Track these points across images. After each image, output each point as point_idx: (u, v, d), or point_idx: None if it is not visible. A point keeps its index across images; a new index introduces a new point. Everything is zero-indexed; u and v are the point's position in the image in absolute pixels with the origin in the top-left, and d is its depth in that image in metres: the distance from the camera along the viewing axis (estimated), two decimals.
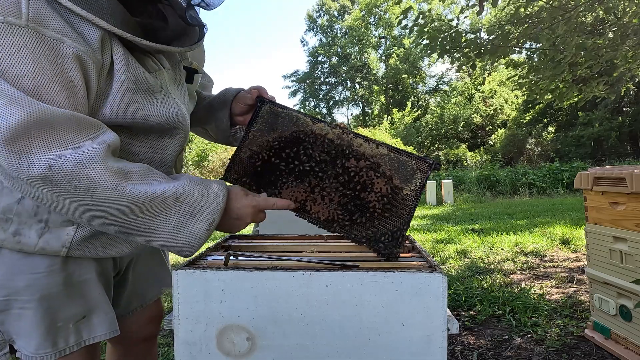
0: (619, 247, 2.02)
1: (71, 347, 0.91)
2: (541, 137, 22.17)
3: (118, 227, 0.79)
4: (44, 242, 0.85)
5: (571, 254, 4.36)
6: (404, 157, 1.03)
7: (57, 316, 0.89)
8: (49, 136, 0.70)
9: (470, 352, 2.23)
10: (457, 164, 20.87)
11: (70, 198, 0.72)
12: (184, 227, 0.83)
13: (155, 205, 0.79)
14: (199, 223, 0.83)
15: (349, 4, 33.77)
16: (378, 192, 1.02)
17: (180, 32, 0.96)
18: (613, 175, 2.01)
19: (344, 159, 1.04)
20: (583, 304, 2.80)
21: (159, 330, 1.30)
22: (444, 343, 0.86)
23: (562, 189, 12.34)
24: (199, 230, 0.84)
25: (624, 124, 19.34)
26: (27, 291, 0.86)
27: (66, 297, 0.90)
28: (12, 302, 0.86)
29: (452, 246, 4.94)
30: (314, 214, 1.05)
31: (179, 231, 0.82)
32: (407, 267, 0.94)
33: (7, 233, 0.83)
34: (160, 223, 0.80)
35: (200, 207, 0.84)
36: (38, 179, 0.69)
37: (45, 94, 0.71)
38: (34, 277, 0.86)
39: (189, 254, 0.87)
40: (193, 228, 0.83)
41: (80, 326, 0.92)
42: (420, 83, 32.43)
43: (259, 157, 1.09)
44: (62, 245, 0.87)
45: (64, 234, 0.87)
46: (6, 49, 0.68)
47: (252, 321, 0.88)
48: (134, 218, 0.78)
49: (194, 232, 0.83)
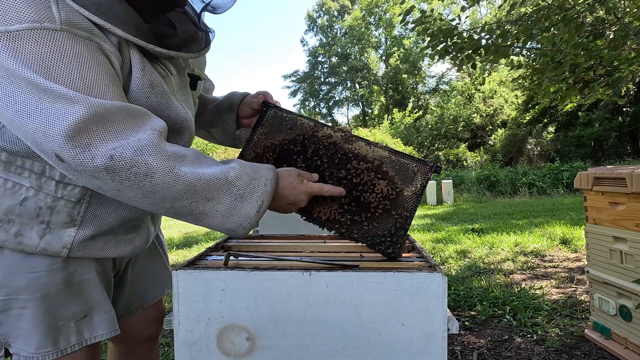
0: (619, 247, 2.02)
1: (72, 346, 0.91)
2: (541, 137, 22.16)
3: (175, 211, 0.82)
4: (45, 243, 0.85)
5: (571, 254, 4.36)
6: (404, 159, 1.05)
7: (58, 315, 0.89)
8: (106, 129, 0.73)
9: (470, 352, 2.23)
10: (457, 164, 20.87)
11: (131, 185, 0.75)
12: (236, 209, 0.86)
13: (208, 188, 0.82)
14: (249, 205, 0.86)
15: (349, 4, 33.75)
16: (379, 193, 1.03)
17: (188, 38, 1.00)
18: (613, 175, 2.01)
19: (346, 161, 1.06)
20: (583, 304, 2.80)
21: (160, 331, 1.30)
22: (444, 343, 0.86)
23: (562, 189, 12.34)
24: (249, 212, 0.86)
25: (624, 124, 19.33)
26: (27, 290, 0.86)
27: (67, 296, 0.90)
28: (12, 302, 0.86)
29: (452, 246, 4.94)
30: (316, 213, 1.06)
31: (231, 213, 0.85)
32: (407, 267, 0.94)
33: (8, 234, 0.84)
34: (213, 206, 0.84)
35: (249, 190, 0.87)
36: (102, 170, 0.72)
37: (95, 89, 0.74)
38: (34, 276, 0.86)
39: (241, 235, 0.90)
40: (244, 210, 0.86)
41: (81, 325, 0.92)
42: (420, 83, 32.42)
43: (262, 159, 1.12)
44: (63, 247, 0.87)
45: (65, 235, 0.87)
46: (50, 54, 0.71)
47: (252, 321, 0.88)
48: (189, 202, 0.81)
49: (245, 214, 0.86)
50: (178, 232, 7.46)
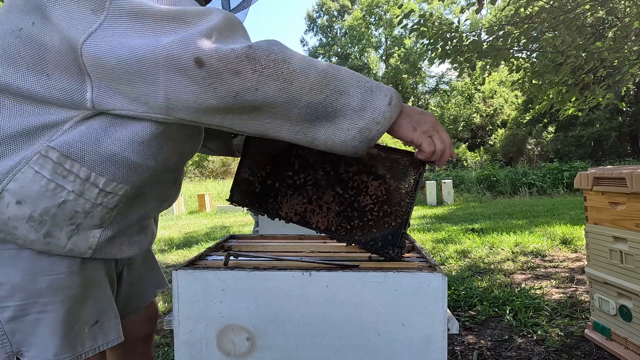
0: (619, 247, 2.02)
1: (86, 352, 0.89)
2: (541, 137, 22.17)
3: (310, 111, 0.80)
4: (72, 244, 0.84)
5: (571, 254, 4.36)
6: (395, 154, 1.01)
7: (75, 320, 0.87)
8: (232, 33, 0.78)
9: (470, 352, 2.23)
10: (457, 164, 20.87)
11: (271, 75, 0.75)
12: (368, 102, 0.82)
13: (339, 78, 0.81)
14: (380, 96, 0.82)
15: (349, 4, 33.76)
16: (373, 194, 1.01)
17: None
18: (613, 175, 2.01)
19: (336, 166, 1.04)
20: (583, 304, 2.80)
21: (155, 330, 1.30)
22: (444, 343, 0.86)
23: (562, 189, 12.34)
24: (382, 104, 0.82)
25: (624, 124, 19.35)
26: (48, 293, 0.84)
27: (83, 300, 0.88)
28: (30, 306, 0.83)
29: (452, 246, 4.94)
30: (314, 224, 1.05)
31: (364, 107, 0.82)
32: (407, 267, 0.94)
33: (38, 234, 0.81)
34: (347, 101, 0.81)
35: (375, 84, 0.84)
36: (244, 59, 0.73)
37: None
38: (55, 277, 0.84)
39: (375, 134, 0.83)
40: (375, 102, 0.82)
41: (94, 331, 0.91)
42: (420, 83, 32.43)
43: (257, 175, 1.11)
44: (89, 247, 0.86)
45: (90, 237, 0.86)
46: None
47: (252, 321, 0.88)
48: (324, 97, 0.80)
49: (377, 106, 0.82)
50: (178, 232, 7.46)
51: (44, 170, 0.78)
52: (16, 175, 0.77)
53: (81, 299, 0.88)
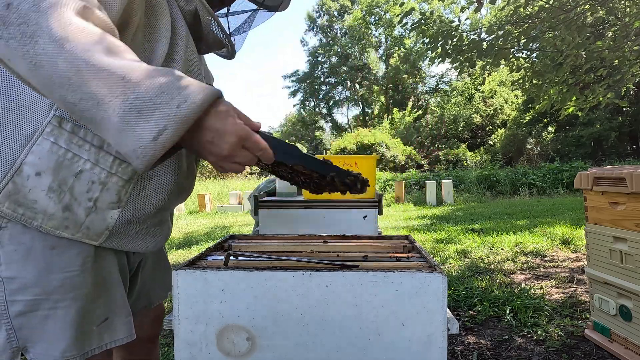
0: (619, 247, 2.02)
1: (92, 350, 0.88)
2: (541, 137, 22.17)
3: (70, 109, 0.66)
4: (90, 222, 0.83)
5: (571, 254, 4.36)
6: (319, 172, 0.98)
7: (86, 317, 0.87)
8: None
9: (470, 352, 2.23)
10: (457, 164, 20.86)
11: (16, 49, 0.61)
12: (128, 126, 0.63)
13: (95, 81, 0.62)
14: (143, 124, 0.62)
15: (349, 4, 33.75)
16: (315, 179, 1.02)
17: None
18: (613, 175, 2.01)
19: None
20: (583, 304, 2.80)
21: (160, 331, 1.30)
22: (444, 343, 0.86)
23: (562, 189, 12.34)
24: (143, 135, 0.63)
25: (624, 124, 19.35)
26: (60, 290, 0.83)
27: (95, 297, 0.88)
28: (41, 302, 0.82)
29: (452, 246, 4.94)
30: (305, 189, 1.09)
31: (123, 129, 0.63)
32: (407, 267, 0.94)
33: (57, 207, 0.80)
34: (106, 113, 0.63)
35: (151, 105, 0.63)
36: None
37: None
38: (69, 275, 0.83)
39: (138, 167, 0.65)
40: (137, 129, 0.63)
41: (102, 329, 0.90)
42: (420, 83, 32.43)
43: None
44: (106, 228, 0.85)
45: (108, 217, 0.85)
46: None
47: (252, 321, 0.88)
48: (78, 98, 0.63)
49: (137, 136, 0.63)
50: (178, 232, 7.46)
51: (60, 141, 0.79)
52: (32, 147, 0.78)
53: (93, 297, 0.87)
